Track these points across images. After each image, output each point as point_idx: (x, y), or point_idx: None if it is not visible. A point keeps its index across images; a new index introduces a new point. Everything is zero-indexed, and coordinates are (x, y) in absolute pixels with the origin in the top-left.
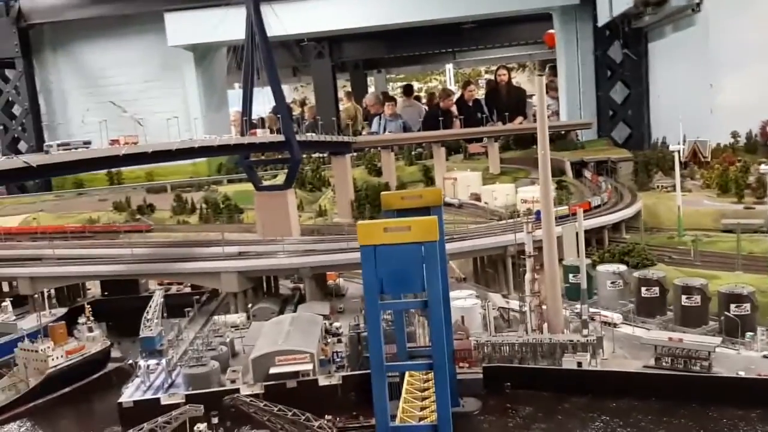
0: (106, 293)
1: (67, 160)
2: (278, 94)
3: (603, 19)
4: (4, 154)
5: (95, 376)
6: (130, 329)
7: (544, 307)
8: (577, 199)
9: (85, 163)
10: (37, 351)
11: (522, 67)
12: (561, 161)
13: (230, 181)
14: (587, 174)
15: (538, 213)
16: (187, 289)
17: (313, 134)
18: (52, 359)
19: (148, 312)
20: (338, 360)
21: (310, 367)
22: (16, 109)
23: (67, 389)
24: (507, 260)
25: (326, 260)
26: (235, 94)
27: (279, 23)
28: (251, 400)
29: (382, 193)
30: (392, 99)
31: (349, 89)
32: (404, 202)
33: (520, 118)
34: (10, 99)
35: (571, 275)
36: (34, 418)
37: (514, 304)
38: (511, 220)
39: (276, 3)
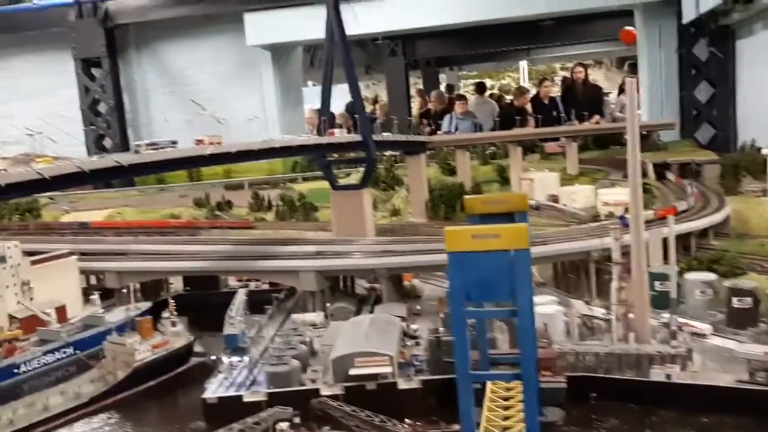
0: (187, 288)
1: (156, 160)
2: (356, 94)
3: (689, 16)
4: (89, 150)
5: (178, 370)
6: (210, 324)
7: (630, 316)
8: (662, 203)
9: (172, 162)
10: (124, 344)
11: (598, 64)
12: (642, 163)
13: (305, 179)
14: (670, 176)
15: (622, 217)
16: (265, 286)
17: (389, 134)
18: (139, 353)
19: (231, 309)
20: (417, 363)
21: (389, 370)
22: (102, 107)
23: (152, 383)
24: (590, 266)
25: (403, 261)
26: (307, 92)
27: (356, 22)
28: (339, 405)
29: (466, 197)
30: (463, 97)
31: (421, 87)
32: (488, 207)
33: (596, 117)
34: (96, 97)
35: (657, 283)
36: (122, 411)
37: (597, 311)
38: (595, 224)
39: (354, 2)
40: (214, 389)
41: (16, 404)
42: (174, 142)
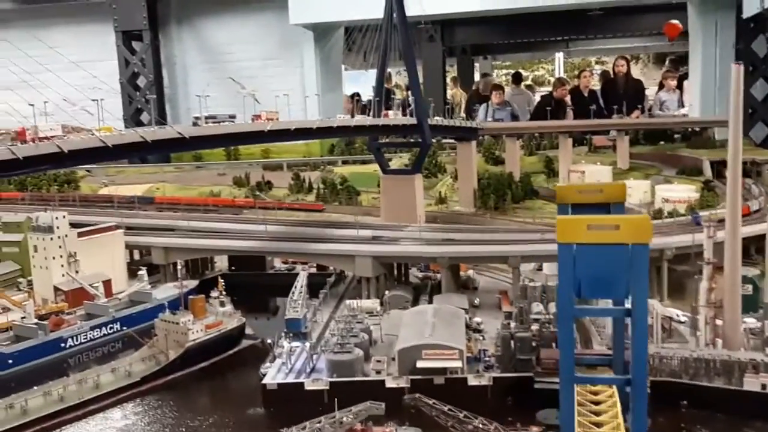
0: (233, 268)
1: (216, 134)
2: (413, 76)
3: (750, 11)
4: (126, 124)
5: (230, 352)
6: (256, 305)
7: (718, 321)
8: None
9: (232, 137)
10: (178, 323)
11: (635, 59)
12: (698, 160)
13: (344, 162)
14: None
15: (695, 215)
16: (313, 270)
17: (441, 118)
18: (192, 333)
19: (293, 293)
20: (486, 359)
21: (459, 364)
22: (141, 81)
23: (204, 364)
24: (662, 264)
25: (466, 251)
26: (345, 75)
27: (419, 4)
28: (434, 403)
29: (557, 185)
30: (500, 87)
31: (455, 74)
32: (581, 197)
33: (637, 112)
34: (136, 71)
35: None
36: (174, 392)
37: (671, 312)
38: (667, 221)
39: None
40: (273, 375)
41: (67, 380)
42: (232, 116)
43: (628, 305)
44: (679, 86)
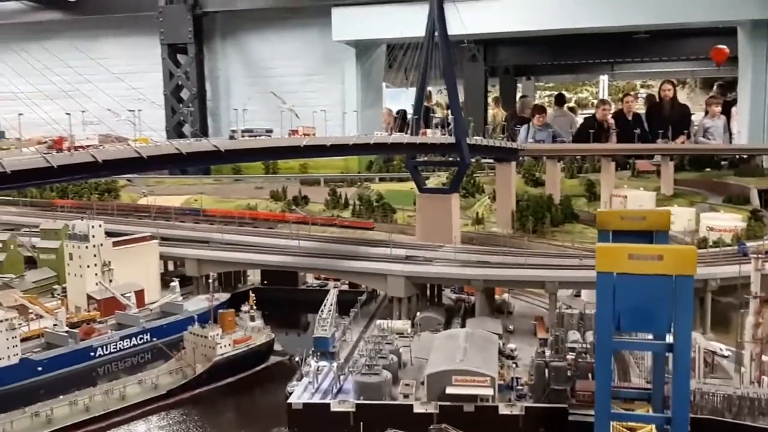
0: (264, 282)
1: (251, 147)
2: (453, 95)
3: None
4: (168, 136)
5: (257, 368)
6: (286, 321)
7: (765, 358)
8: None
9: (268, 151)
10: (206, 337)
11: (681, 83)
12: (745, 188)
13: (381, 179)
14: None
15: (742, 245)
16: (345, 287)
17: (480, 138)
18: (221, 347)
19: (322, 311)
20: (519, 388)
21: (490, 392)
22: (184, 94)
23: (231, 379)
24: (706, 296)
25: (501, 275)
26: (385, 93)
27: (461, 23)
28: None
29: (598, 210)
30: (542, 109)
31: (496, 95)
32: (623, 223)
33: (682, 137)
34: (180, 83)
35: None
36: (199, 407)
37: (715, 346)
38: (713, 250)
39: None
40: (299, 394)
41: (93, 390)
42: (269, 131)
43: (669, 339)
44: (726, 112)
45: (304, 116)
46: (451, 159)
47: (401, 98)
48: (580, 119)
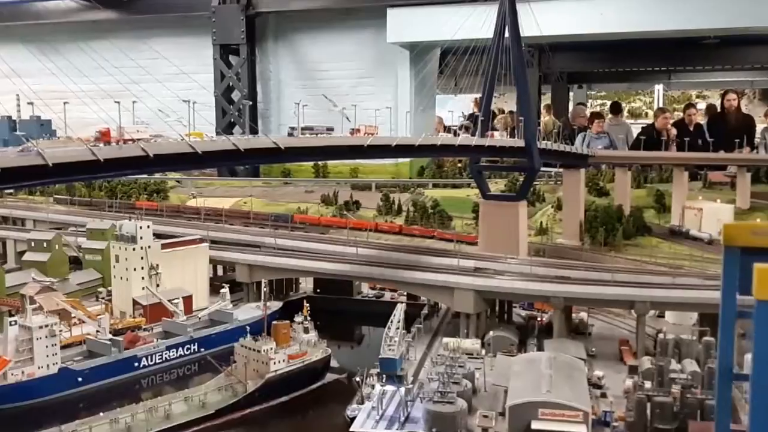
0: (318, 291)
1: (314, 146)
2: (524, 96)
3: None
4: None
5: (312, 387)
6: (339, 332)
7: None
8: None
9: (331, 150)
10: (259, 351)
11: (738, 94)
12: None
13: (435, 186)
14: None
15: None
16: (403, 298)
17: (549, 142)
18: (274, 363)
19: (389, 328)
20: (615, 425)
21: (583, 429)
22: (235, 95)
23: (284, 398)
24: None
25: (583, 292)
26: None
27: (535, 23)
28: None
29: (725, 223)
30: (601, 116)
31: (548, 102)
32: (755, 239)
33: (747, 149)
34: (231, 84)
35: None
36: (250, 429)
37: None
38: None
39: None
40: (362, 421)
41: (136, 408)
42: (330, 129)
43: None
44: None
45: (356, 120)
46: (519, 165)
47: (448, 105)
48: (634, 129)
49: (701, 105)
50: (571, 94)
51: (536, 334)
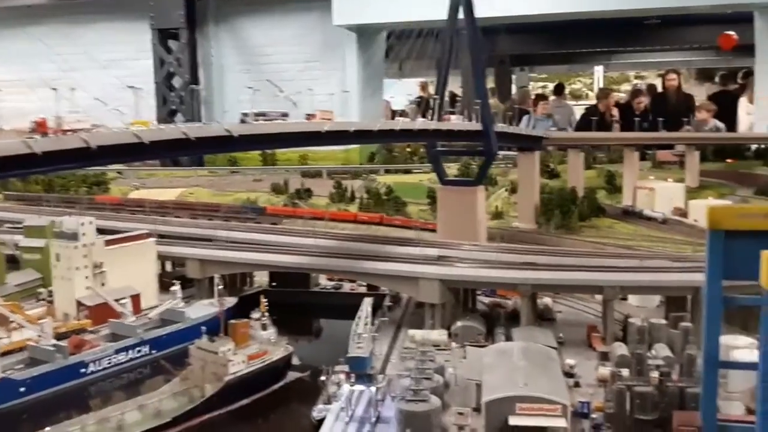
0: (273, 284)
1: (269, 132)
2: (480, 81)
3: None
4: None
5: (274, 387)
6: (297, 327)
7: None
8: None
9: (286, 137)
10: (216, 353)
11: (679, 74)
12: None
13: (387, 171)
14: None
15: None
16: (362, 289)
17: (505, 125)
18: (233, 365)
19: (357, 324)
20: (594, 417)
21: (563, 423)
22: (176, 81)
23: (244, 401)
24: None
25: (551, 278)
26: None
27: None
28: None
29: (710, 206)
30: (545, 98)
31: (491, 86)
32: (743, 222)
33: (688, 128)
34: (171, 70)
35: None
36: None
37: None
38: None
39: None
40: (331, 425)
41: (86, 419)
42: (285, 115)
43: None
44: (730, 104)
45: (303, 105)
46: (477, 149)
47: (393, 89)
48: (576, 111)
49: (641, 85)
50: (513, 77)
51: (502, 322)
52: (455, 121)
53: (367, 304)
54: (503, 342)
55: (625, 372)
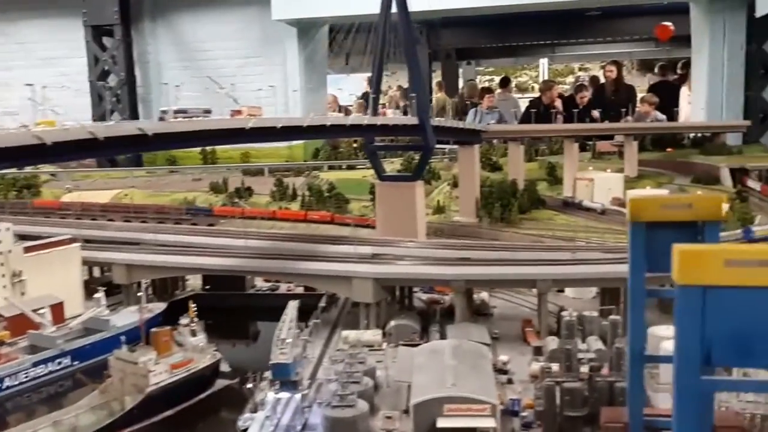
0: (207, 287)
1: (187, 130)
2: (416, 73)
3: (764, 9)
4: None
5: (200, 396)
6: (232, 330)
7: None
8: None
9: (207, 134)
10: (136, 363)
11: (620, 65)
12: (713, 167)
13: (331, 168)
14: (753, 184)
15: (747, 230)
16: (299, 290)
17: (442, 119)
18: (155, 375)
19: (281, 329)
20: (524, 415)
21: (492, 423)
22: (112, 80)
23: (168, 413)
24: None
25: (485, 273)
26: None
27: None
28: None
29: (631, 196)
30: (491, 91)
31: (439, 80)
32: (664, 213)
33: (629, 119)
34: (106, 68)
35: None
36: None
37: None
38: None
39: None
40: None
41: None
42: (207, 111)
43: None
44: (671, 94)
45: (244, 101)
46: (415, 144)
47: (340, 84)
48: (522, 104)
49: (584, 78)
50: (460, 70)
51: (438, 319)
52: (390, 116)
53: (291, 307)
54: (436, 340)
55: (555, 367)
